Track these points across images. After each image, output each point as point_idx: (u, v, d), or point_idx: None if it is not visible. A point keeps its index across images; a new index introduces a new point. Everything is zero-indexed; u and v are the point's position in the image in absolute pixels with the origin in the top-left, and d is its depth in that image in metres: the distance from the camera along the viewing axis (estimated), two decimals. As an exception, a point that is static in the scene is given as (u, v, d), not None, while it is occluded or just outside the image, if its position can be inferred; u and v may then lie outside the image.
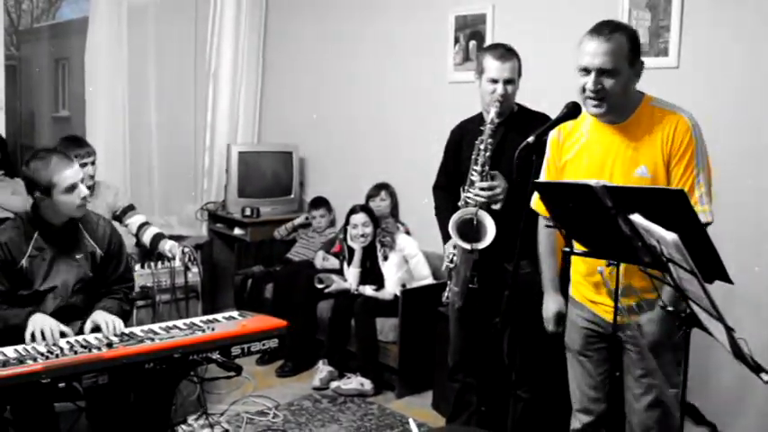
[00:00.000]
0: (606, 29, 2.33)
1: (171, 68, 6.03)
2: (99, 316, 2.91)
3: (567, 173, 2.57)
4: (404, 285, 4.54)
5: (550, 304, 2.79)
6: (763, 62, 3.41)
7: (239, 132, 6.24)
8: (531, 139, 2.31)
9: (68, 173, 2.95)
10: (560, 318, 2.76)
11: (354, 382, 4.37)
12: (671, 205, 1.87)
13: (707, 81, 3.57)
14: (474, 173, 3.10)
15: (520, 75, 3.19)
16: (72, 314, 3.01)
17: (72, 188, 2.95)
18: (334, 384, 4.42)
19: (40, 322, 2.77)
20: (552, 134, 2.58)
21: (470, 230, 3.02)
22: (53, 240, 3.03)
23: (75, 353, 2.53)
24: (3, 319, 2.86)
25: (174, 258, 3.97)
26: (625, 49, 2.32)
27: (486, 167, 3.07)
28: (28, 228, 3.01)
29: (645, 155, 2.37)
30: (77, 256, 3.08)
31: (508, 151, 2.98)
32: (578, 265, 2.63)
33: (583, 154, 2.52)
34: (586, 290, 2.61)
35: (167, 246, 4.08)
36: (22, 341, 2.72)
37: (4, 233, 2.99)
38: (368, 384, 4.37)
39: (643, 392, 2.49)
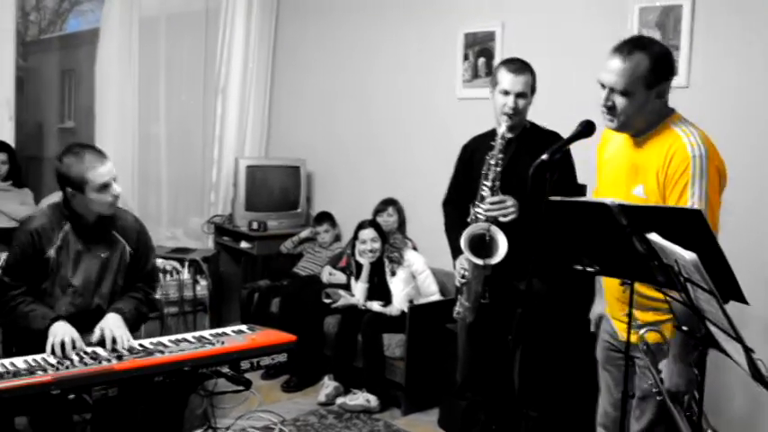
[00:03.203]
0: (627, 47, 2.27)
1: (180, 81, 6.07)
2: (107, 328, 2.84)
3: (600, 174, 2.57)
4: (411, 301, 4.52)
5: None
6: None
7: (247, 146, 6.24)
8: (545, 156, 2.31)
9: (102, 170, 2.92)
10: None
11: (360, 399, 4.35)
12: (687, 225, 1.86)
13: (717, 101, 3.57)
14: (485, 188, 3.11)
15: (533, 91, 3.20)
16: (93, 317, 2.96)
17: (105, 186, 2.92)
18: (340, 400, 4.39)
19: (60, 333, 2.73)
20: (603, 130, 2.53)
21: (482, 246, 3.01)
22: (82, 234, 3.02)
23: (86, 365, 2.53)
24: (26, 319, 2.86)
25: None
26: (642, 70, 2.24)
27: (497, 182, 3.07)
28: (60, 217, 3.00)
29: (644, 174, 2.33)
30: (103, 254, 3.05)
31: (519, 168, 2.98)
32: (610, 280, 2.55)
33: (611, 161, 2.51)
34: (612, 305, 2.57)
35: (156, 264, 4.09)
36: (43, 344, 2.72)
37: (36, 221, 3.00)
38: (374, 401, 4.34)
39: (639, 415, 2.44)
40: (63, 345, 2.70)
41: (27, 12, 6.99)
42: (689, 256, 1.69)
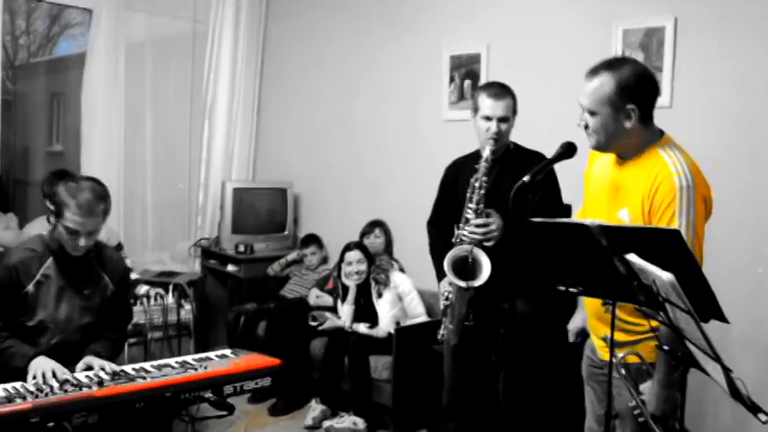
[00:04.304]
0: (597, 68, 2.28)
1: (167, 105, 6.06)
2: (91, 360, 2.84)
3: (586, 191, 2.58)
4: (398, 323, 4.51)
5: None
6: (754, 100, 3.45)
7: (234, 169, 6.25)
8: (526, 178, 2.32)
9: (79, 219, 2.80)
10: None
11: (347, 421, 4.31)
12: (666, 245, 1.86)
13: (700, 121, 3.59)
14: (469, 210, 3.10)
15: (515, 113, 3.21)
16: (71, 352, 2.90)
17: (74, 233, 2.83)
18: (327, 423, 4.35)
19: (41, 366, 2.68)
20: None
21: (466, 268, 3.00)
22: (66, 270, 2.94)
23: (66, 391, 2.48)
24: (4, 357, 2.80)
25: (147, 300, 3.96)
26: (606, 91, 2.23)
27: (481, 205, 3.07)
28: (44, 251, 2.92)
29: (629, 198, 2.31)
30: (86, 291, 3.00)
31: (503, 190, 2.97)
32: (591, 299, 2.54)
33: (596, 179, 2.51)
34: (593, 323, 2.57)
35: (142, 290, 4.07)
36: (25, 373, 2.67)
37: (15, 255, 2.93)
38: (361, 423, 4.30)
39: None
40: (44, 375, 2.65)
41: (17, 36, 6.99)
42: (666, 276, 1.69)
